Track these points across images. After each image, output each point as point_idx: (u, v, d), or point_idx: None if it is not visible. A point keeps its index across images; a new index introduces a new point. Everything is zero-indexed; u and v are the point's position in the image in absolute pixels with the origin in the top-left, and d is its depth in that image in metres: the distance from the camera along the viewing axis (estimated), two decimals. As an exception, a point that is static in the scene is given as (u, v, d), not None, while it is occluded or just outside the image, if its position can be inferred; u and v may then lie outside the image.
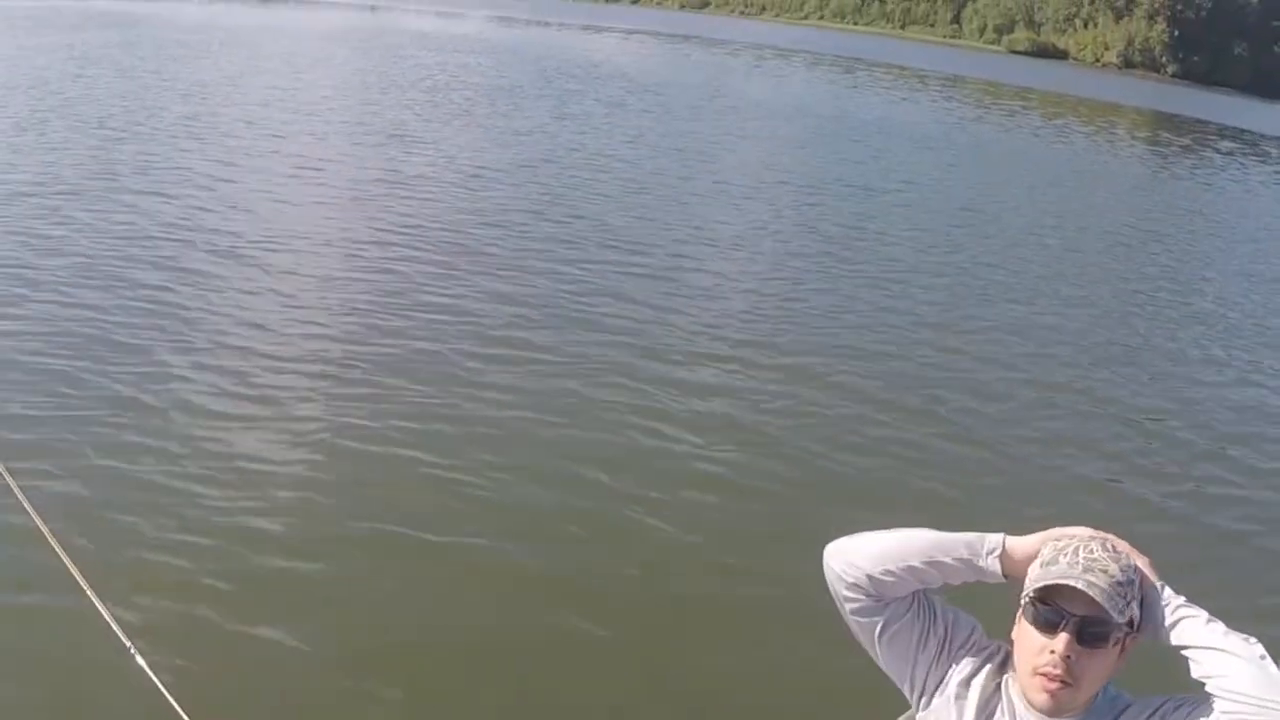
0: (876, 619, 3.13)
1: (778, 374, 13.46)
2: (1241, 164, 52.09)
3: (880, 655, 3.20)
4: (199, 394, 11.10)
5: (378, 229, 18.15)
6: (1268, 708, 2.83)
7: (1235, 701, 2.85)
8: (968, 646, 3.18)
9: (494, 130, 30.87)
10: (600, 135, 31.75)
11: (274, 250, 16.36)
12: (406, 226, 18.47)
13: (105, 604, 4.98)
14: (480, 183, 22.90)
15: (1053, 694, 2.94)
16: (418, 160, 24.79)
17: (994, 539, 3.14)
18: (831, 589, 3.16)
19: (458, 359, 12.71)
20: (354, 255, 16.64)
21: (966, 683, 3.13)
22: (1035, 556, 3.07)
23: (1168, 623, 3.01)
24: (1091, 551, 2.98)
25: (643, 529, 9.39)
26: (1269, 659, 2.92)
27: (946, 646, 3.17)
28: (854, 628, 3.19)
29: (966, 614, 3.25)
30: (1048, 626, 2.96)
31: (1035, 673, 2.96)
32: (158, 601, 7.62)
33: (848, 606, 3.15)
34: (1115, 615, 2.94)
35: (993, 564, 3.12)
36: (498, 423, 11.13)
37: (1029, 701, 2.99)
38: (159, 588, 7.79)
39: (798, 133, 38.89)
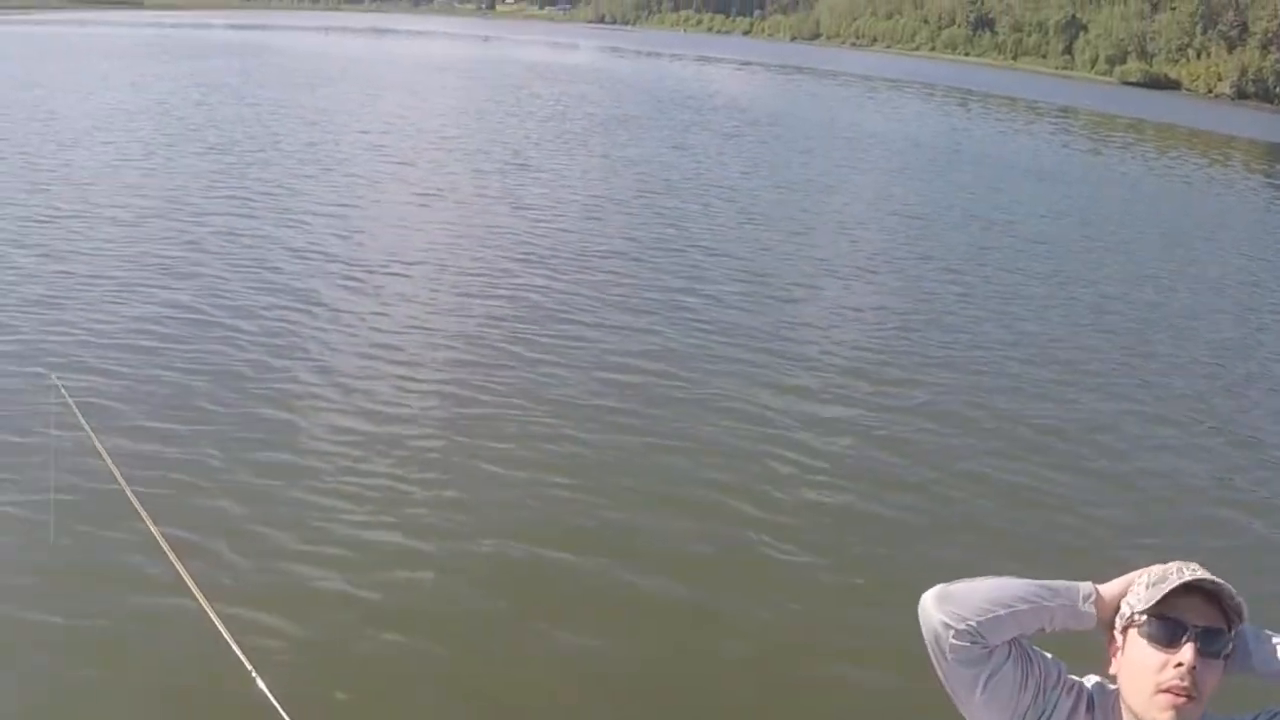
0: (982, 667, 3.04)
1: (896, 402, 13.73)
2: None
3: (979, 705, 3.09)
4: (328, 412, 11.69)
5: (502, 256, 18.75)
6: None
7: None
8: (1059, 687, 3.13)
9: (612, 160, 31.43)
10: (717, 166, 32.20)
11: (402, 275, 17.01)
12: (530, 254, 19.04)
13: (226, 624, 5.31)
14: (601, 211, 23.46)
15: (1179, 709, 2.88)
16: (539, 189, 25.43)
17: (1086, 586, 3.14)
18: (934, 637, 3.06)
19: (583, 383, 13.13)
20: (479, 281, 17.22)
21: None
22: (1121, 597, 3.09)
23: (1262, 652, 3.03)
24: (1195, 570, 2.98)
25: (761, 552, 9.65)
26: None
27: (1042, 689, 3.10)
28: (954, 677, 3.09)
29: (1051, 655, 3.21)
30: (1169, 641, 2.93)
31: (1159, 690, 2.91)
32: (280, 622, 7.91)
33: (954, 655, 3.04)
34: (1238, 610, 2.97)
35: (1090, 609, 3.10)
36: (621, 446, 11.49)
37: None
38: (282, 609, 8.09)
39: (913, 164, 38.96)
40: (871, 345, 15.97)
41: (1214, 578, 2.94)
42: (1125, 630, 3.05)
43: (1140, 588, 3.04)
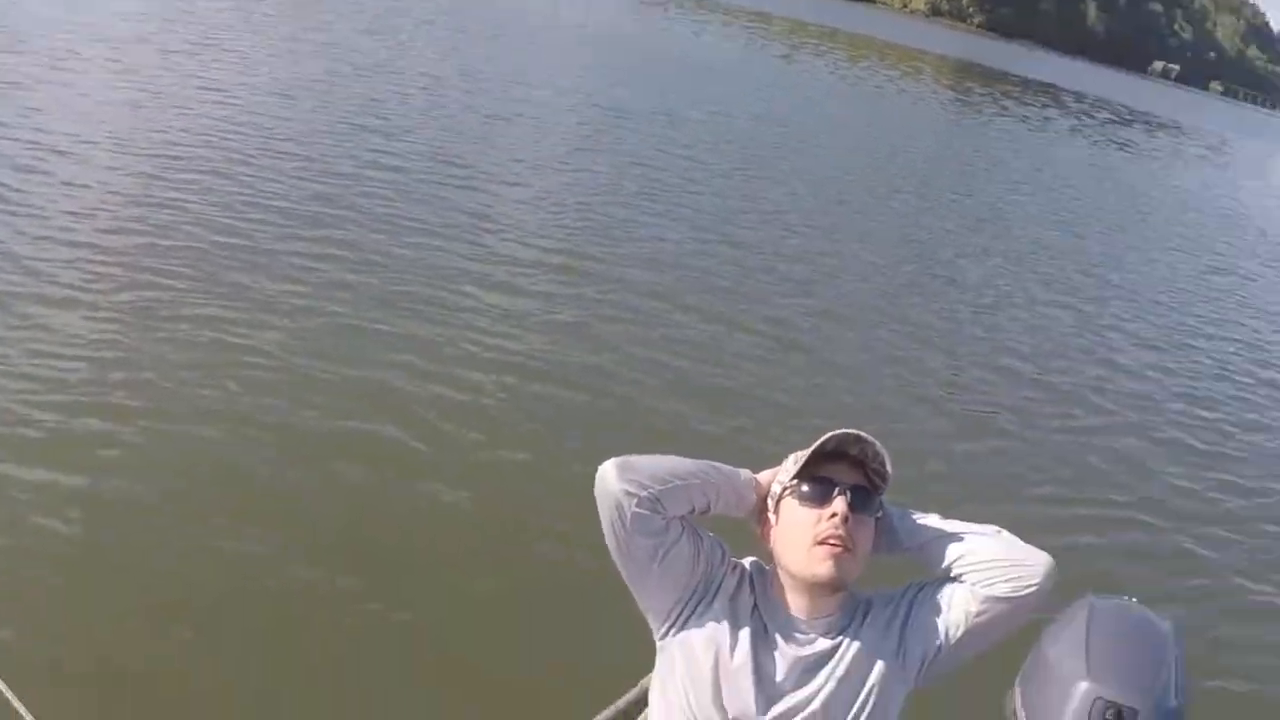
0: (661, 539, 3.10)
1: (577, 289, 13.67)
2: (1044, 116, 53.73)
3: (655, 578, 3.17)
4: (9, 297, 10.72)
5: (185, 136, 17.43)
6: (1018, 564, 3.10)
7: (986, 569, 3.10)
8: (724, 565, 3.24)
9: (299, 43, 30.09)
10: (407, 52, 31.16)
11: (82, 157, 15.72)
12: (214, 133, 17.77)
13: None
14: (287, 93, 22.21)
15: (838, 558, 3.03)
16: (222, 70, 23.84)
17: (745, 472, 3.31)
18: (615, 507, 3.08)
19: (270, 266, 12.44)
20: (163, 162, 15.80)
21: (732, 598, 3.19)
22: (772, 483, 3.28)
23: (906, 526, 3.26)
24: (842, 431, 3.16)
25: (449, 430, 9.50)
26: (1005, 532, 3.21)
27: (710, 565, 3.21)
28: (632, 548, 3.13)
29: (714, 535, 3.31)
30: (821, 498, 3.10)
31: (816, 542, 3.05)
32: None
33: (635, 525, 3.08)
34: (883, 474, 3.17)
35: (750, 494, 3.28)
36: (310, 328, 11.00)
37: (812, 576, 3.08)
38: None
39: (606, 60, 38.97)
40: (557, 232, 15.90)
41: (860, 432, 3.12)
42: (778, 504, 3.22)
43: (789, 463, 3.25)
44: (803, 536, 3.08)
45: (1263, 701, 8.35)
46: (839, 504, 3.06)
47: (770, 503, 3.25)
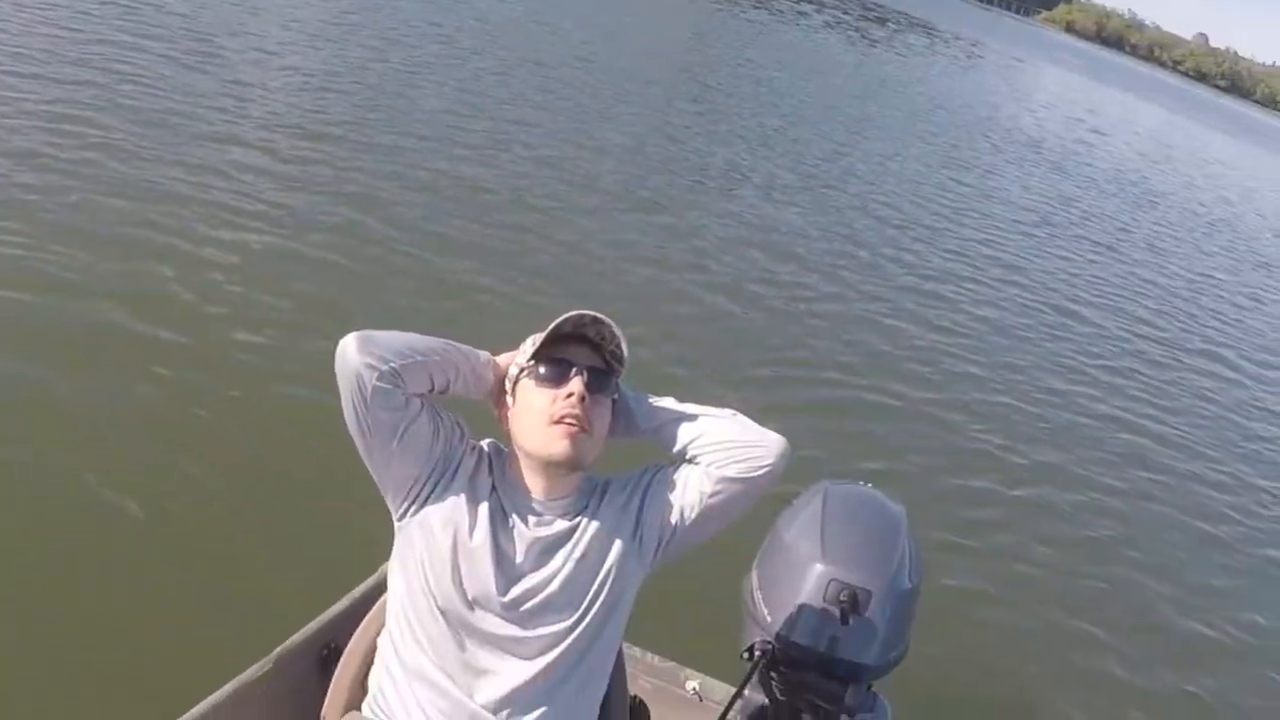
0: (401, 414, 3.02)
1: (322, 154, 13.45)
2: (799, 10, 54.87)
3: (395, 454, 3.08)
4: None
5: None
6: (752, 445, 3.13)
7: (720, 450, 3.14)
8: (464, 444, 3.22)
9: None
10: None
11: None
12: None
13: None
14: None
15: (574, 438, 3.04)
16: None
17: (484, 353, 3.26)
18: (355, 381, 2.95)
19: (36, 114, 12.06)
20: None
21: (471, 478, 3.16)
22: (510, 364, 3.26)
23: (642, 409, 3.28)
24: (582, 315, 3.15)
25: (194, 281, 9.22)
26: (740, 414, 3.24)
27: (449, 443, 3.18)
28: (372, 424, 3.02)
29: (454, 414, 3.27)
30: (558, 379, 3.09)
31: (553, 422, 3.05)
32: None
33: (375, 399, 2.96)
34: (619, 356, 3.17)
35: (488, 376, 3.24)
36: (54, 189, 10.44)
37: (549, 455, 3.08)
38: None
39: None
40: (306, 102, 15.53)
41: (597, 313, 3.10)
42: (516, 385, 3.20)
43: (527, 345, 3.21)
44: (540, 416, 3.09)
45: (993, 565, 8.66)
46: (575, 384, 3.06)
47: (508, 384, 3.24)
